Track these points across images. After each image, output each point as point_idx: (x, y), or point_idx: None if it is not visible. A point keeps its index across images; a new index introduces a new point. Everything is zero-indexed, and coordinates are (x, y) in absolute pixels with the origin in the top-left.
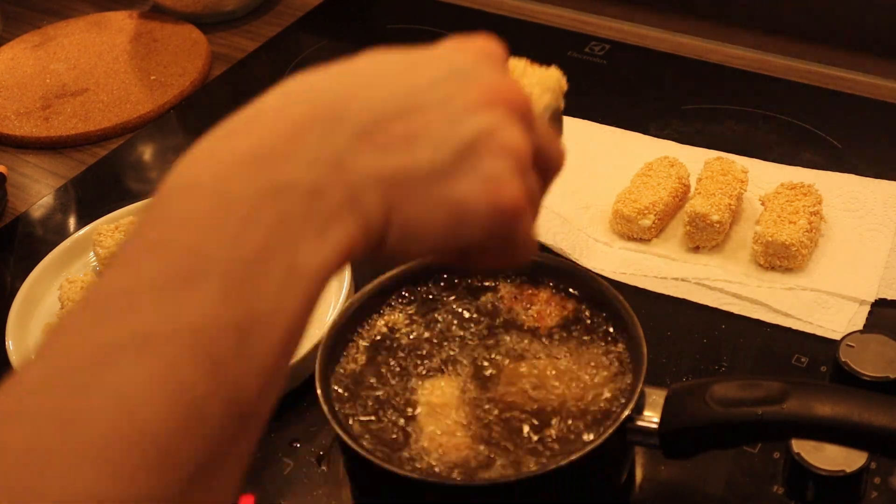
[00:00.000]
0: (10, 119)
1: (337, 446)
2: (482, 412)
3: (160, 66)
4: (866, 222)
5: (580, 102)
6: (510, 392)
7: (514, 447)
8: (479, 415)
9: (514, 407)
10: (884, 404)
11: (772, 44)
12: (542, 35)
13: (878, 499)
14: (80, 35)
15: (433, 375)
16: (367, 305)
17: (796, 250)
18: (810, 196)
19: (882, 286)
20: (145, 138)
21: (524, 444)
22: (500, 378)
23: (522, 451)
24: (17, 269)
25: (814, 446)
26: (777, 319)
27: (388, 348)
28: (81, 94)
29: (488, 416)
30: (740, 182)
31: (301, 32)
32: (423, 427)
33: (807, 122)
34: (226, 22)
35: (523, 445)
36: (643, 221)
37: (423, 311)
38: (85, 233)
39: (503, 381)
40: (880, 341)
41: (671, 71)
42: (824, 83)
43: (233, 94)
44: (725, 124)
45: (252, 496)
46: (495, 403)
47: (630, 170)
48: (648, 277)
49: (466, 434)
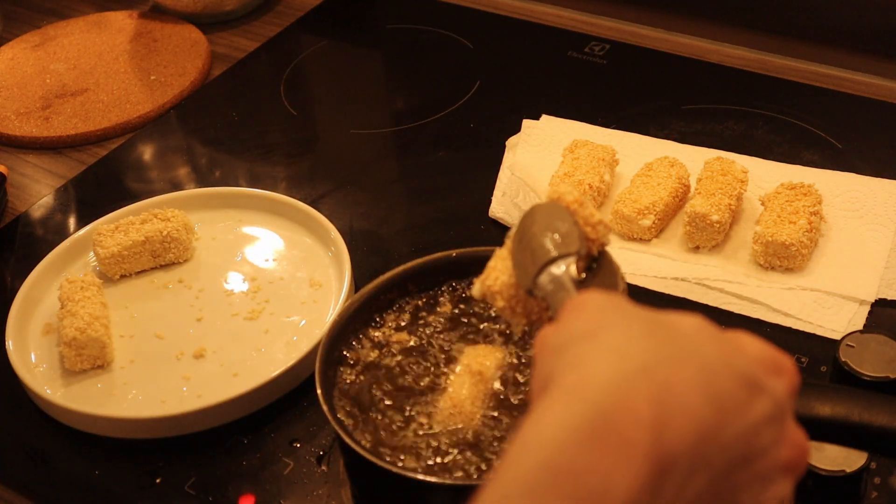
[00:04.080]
0: (10, 119)
1: (337, 446)
2: (492, 417)
3: (160, 66)
4: (866, 222)
5: (580, 102)
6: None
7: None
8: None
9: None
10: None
11: (772, 44)
12: (542, 35)
13: (878, 499)
14: (80, 35)
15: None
16: (367, 305)
17: (796, 250)
18: (810, 196)
19: (882, 286)
20: (145, 138)
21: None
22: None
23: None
24: (17, 269)
25: (814, 446)
26: (777, 319)
27: (389, 347)
28: (81, 94)
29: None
30: (740, 182)
31: (301, 32)
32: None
33: (807, 122)
34: (226, 22)
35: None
36: (643, 221)
37: (424, 310)
38: (85, 233)
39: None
40: (880, 341)
41: (671, 71)
42: (824, 83)
43: (233, 94)
44: (725, 124)
45: (252, 496)
46: (507, 409)
47: (630, 170)
48: (648, 277)
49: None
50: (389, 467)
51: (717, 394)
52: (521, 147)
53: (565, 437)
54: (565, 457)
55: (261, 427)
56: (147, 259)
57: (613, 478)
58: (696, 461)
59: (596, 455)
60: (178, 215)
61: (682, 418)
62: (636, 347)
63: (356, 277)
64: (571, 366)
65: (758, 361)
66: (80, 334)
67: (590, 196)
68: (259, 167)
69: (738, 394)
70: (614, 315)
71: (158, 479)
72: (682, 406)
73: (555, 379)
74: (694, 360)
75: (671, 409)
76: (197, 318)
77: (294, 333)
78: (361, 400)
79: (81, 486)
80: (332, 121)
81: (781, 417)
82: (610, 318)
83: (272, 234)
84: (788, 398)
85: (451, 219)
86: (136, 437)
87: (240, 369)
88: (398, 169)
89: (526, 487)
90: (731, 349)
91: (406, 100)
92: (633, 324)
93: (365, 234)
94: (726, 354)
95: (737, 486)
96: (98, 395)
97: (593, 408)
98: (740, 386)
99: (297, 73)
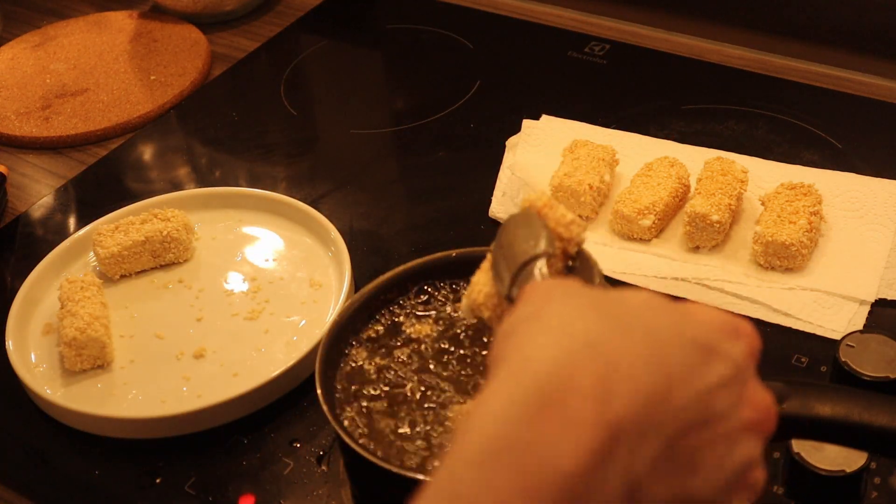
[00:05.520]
0: (10, 119)
1: (337, 446)
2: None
3: (160, 66)
4: (866, 222)
5: (580, 102)
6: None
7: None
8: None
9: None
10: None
11: (772, 44)
12: (542, 35)
13: (878, 499)
14: (80, 35)
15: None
16: (367, 305)
17: (796, 250)
18: (810, 196)
19: (882, 286)
20: (145, 138)
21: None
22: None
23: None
24: (17, 269)
25: (814, 446)
26: (777, 319)
27: (389, 347)
28: (81, 94)
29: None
30: (740, 182)
31: (301, 32)
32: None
33: (807, 122)
34: (226, 22)
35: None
36: (643, 221)
37: (424, 310)
38: (85, 233)
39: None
40: (880, 341)
41: (671, 71)
42: (824, 83)
43: (233, 94)
44: (725, 124)
45: (252, 496)
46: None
47: (630, 170)
48: (648, 277)
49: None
50: (389, 467)
51: (664, 361)
52: (521, 147)
53: (511, 412)
54: (512, 430)
55: (261, 427)
56: (147, 259)
57: (560, 448)
58: (644, 427)
59: (542, 427)
60: (178, 215)
61: (626, 387)
62: (580, 324)
63: (356, 277)
64: (516, 346)
65: (712, 327)
66: (80, 334)
67: (590, 196)
68: (259, 167)
69: (688, 359)
70: (560, 296)
71: (158, 479)
72: (626, 375)
73: (501, 360)
74: (638, 331)
75: (615, 379)
76: (197, 318)
77: (294, 333)
78: (361, 399)
79: (81, 486)
80: (332, 121)
81: (741, 379)
82: (555, 299)
83: (272, 234)
84: (748, 360)
85: (451, 219)
86: (136, 437)
87: (240, 369)
88: (398, 169)
89: (474, 463)
90: (680, 318)
91: (406, 100)
92: (578, 302)
93: (365, 234)
94: (675, 324)
95: (696, 449)
96: (98, 395)
97: (537, 383)
98: (690, 351)
99: (297, 73)
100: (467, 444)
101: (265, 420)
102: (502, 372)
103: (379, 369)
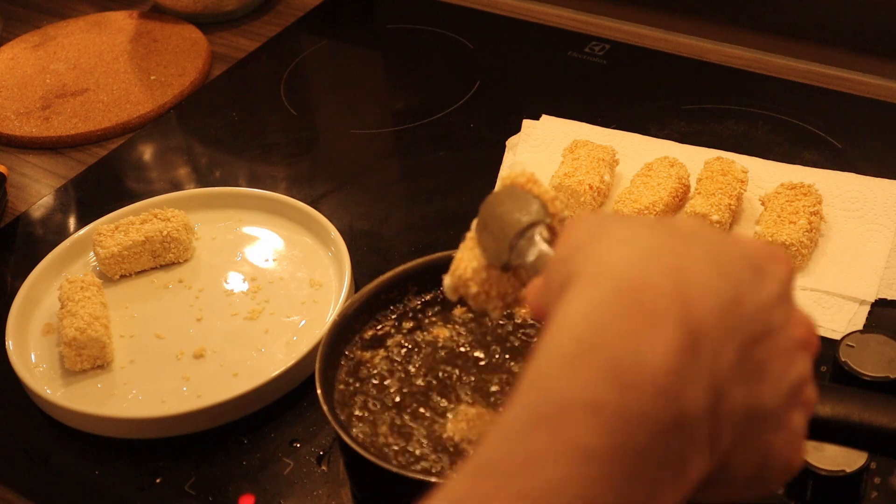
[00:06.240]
0: (10, 119)
1: (337, 446)
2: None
3: (160, 66)
4: (866, 222)
5: (580, 102)
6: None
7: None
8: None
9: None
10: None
11: (772, 44)
12: (542, 35)
13: (878, 499)
14: (80, 35)
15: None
16: (367, 305)
17: (796, 250)
18: (810, 196)
19: (882, 286)
20: (145, 138)
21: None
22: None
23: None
24: (17, 269)
25: (814, 446)
26: None
27: (389, 347)
28: (81, 94)
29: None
30: (740, 182)
31: (301, 32)
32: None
33: (807, 122)
34: (226, 22)
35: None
36: None
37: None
38: (85, 233)
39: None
40: (880, 341)
41: (671, 71)
42: (824, 83)
43: (233, 94)
44: (725, 124)
45: (252, 496)
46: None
47: (630, 170)
48: None
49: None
50: (389, 467)
51: (729, 272)
52: (521, 147)
53: (595, 314)
54: (598, 331)
55: (261, 427)
56: (147, 259)
57: (650, 346)
58: (722, 332)
59: (630, 326)
60: (178, 215)
61: (702, 291)
62: (644, 238)
63: (356, 277)
64: (586, 258)
65: (756, 249)
66: (80, 334)
67: (590, 196)
68: (259, 167)
69: (747, 273)
70: (613, 220)
71: (158, 479)
72: (699, 281)
73: (573, 274)
74: (700, 245)
75: (690, 284)
76: (197, 318)
77: (294, 333)
78: (361, 399)
79: (81, 486)
80: (332, 121)
81: (788, 297)
82: (610, 222)
83: (272, 234)
84: (790, 281)
85: (451, 219)
86: (136, 437)
87: (240, 369)
88: (398, 169)
89: (564, 361)
90: (730, 239)
91: (406, 100)
92: (633, 222)
93: (365, 234)
94: (728, 242)
95: (763, 360)
96: (98, 395)
97: (618, 285)
98: (747, 267)
99: (297, 73)
100: (555, 346)
101: (265, 420)
102: (578, 282)
103: (379, 369)
